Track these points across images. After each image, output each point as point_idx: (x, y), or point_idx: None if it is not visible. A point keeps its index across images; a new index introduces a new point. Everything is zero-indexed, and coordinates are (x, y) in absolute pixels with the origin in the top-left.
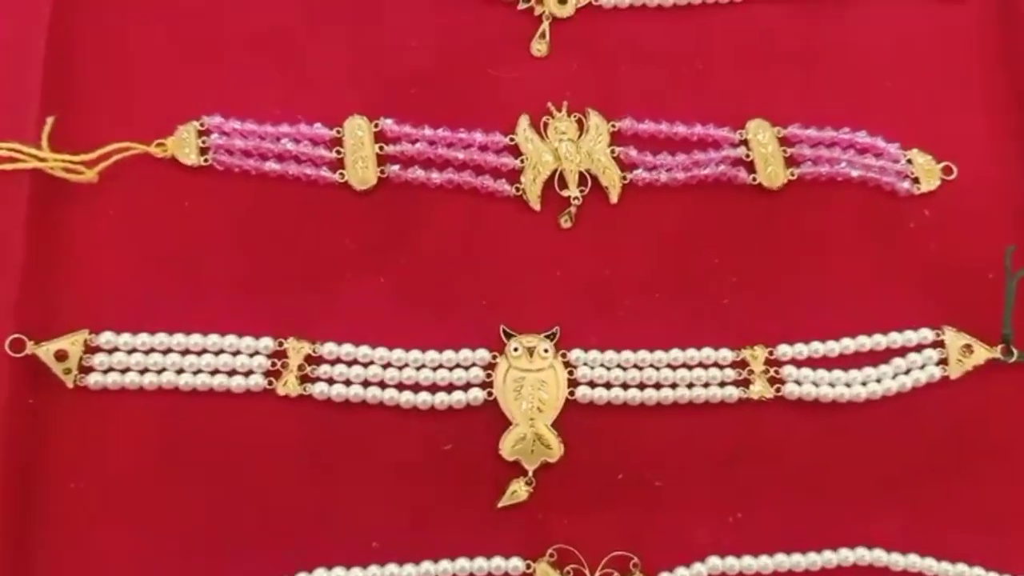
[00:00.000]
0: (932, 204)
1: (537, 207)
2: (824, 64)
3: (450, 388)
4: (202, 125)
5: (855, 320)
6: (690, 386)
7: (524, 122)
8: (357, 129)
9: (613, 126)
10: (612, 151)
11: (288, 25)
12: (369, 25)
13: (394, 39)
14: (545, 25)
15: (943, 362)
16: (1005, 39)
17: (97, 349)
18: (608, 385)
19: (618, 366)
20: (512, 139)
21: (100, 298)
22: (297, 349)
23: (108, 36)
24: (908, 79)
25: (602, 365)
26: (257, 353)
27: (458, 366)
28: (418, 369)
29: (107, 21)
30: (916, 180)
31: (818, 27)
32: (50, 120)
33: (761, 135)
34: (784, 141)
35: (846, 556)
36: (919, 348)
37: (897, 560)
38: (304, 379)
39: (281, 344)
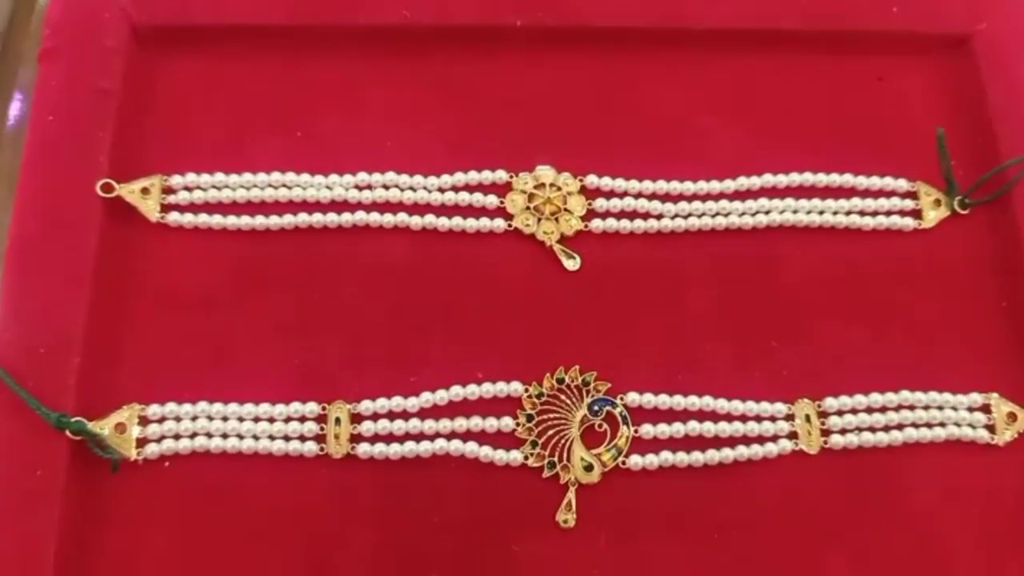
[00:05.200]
0: None
1: None
2: (871, 528)
3: None
4: None
5: None
6: None
7: None
8: None
9: None
10: None
11: None
12: (391, 500)
13: (417, 515)
14: (571, 493)
15: None
16: None
17: None
18: None
19: None
20: None
21: None
22: None
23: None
24: (958, 531)
25: None
26: None
27: None
28: None
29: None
30: None
31: (862, 489)
32: None
33: None
34: None
35: None
36: None
37: None
38: None
39: None
